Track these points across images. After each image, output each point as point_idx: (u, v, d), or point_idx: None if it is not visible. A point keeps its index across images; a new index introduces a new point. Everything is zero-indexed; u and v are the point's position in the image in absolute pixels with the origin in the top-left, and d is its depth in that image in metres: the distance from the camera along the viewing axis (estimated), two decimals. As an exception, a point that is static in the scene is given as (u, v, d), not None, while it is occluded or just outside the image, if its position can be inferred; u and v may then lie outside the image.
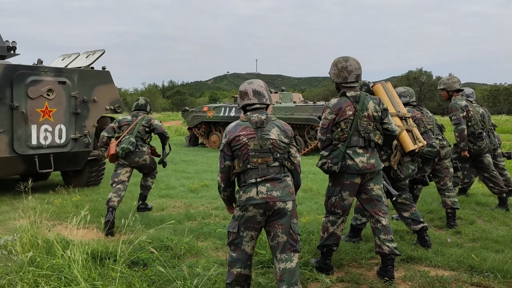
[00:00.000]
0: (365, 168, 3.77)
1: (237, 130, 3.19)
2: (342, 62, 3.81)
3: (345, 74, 3.80)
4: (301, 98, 17.13)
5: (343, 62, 3.81)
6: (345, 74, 3.80)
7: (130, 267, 3.86)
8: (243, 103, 3.30)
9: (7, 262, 4.00)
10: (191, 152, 15.31)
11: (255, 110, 3.27)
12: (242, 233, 3.15)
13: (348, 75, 3.80)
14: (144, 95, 72.34)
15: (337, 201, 3.88)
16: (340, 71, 3.81)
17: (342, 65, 3.81)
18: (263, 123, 3.18)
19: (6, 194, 7.39)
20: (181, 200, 7.15)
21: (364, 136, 3.76)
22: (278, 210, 3.08)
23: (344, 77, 3.81)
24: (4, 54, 8.32)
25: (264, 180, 3.09)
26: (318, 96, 55.90)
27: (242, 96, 3.31)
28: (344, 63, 3.80)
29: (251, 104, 3.28)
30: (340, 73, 3.81)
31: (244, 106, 3.31)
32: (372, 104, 3.82)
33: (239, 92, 3.33)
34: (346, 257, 4.25)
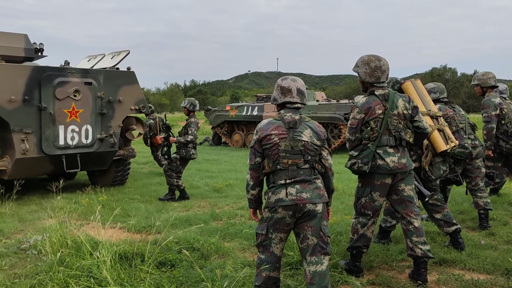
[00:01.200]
0: (396, 168, 3.66)
1: (269, 128, 3.09)
2: (375, 61, 3.70)
3: (378, 73, 3.70)
4: (324, 97, 16.99)
5: (376, 61, 3.70)
6: (378, 73, 3.70)
7: (158, 268, 3.85)
8: (284, 100, 3.17)
9: (37, 262, 4.05)
10: (214, 151, 15.35)
11: (289, 109, 3.17)
12: (271, 234, 3.09)
13: (381, 74, 3.70)
14: (166, 95, 73.17)
15: (367, 202, 3.79)
16: (374, 70, 3.69)
17: (375, 64, 3.69)
18: (296, 124, 3.09)
19: (34, 194, 7.52)
20: (206, 199, 7.15)
21: (395, 135, 3.67)
22: (308, 212, 3.01)
23: (377, 76, 3.70)
24: (32, 56, 8.45)
25: (294, 182, 3.02)
26: (340, 94, 55.34)
27: (285, 93, 3.17)
28: (378, 62, 3.69)
29: (293, 103, 3.17)
30: (373, 72, 3.69)
31: (283, 103, 3.20)
32: (402, 102, 3.72)
33: (281, 87, 3.19)
34: (376, 259, 4.15)
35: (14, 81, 6.66)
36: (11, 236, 5.16)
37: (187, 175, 9.57)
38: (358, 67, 3.78)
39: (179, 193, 7.24)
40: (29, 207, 6.63)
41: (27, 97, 6.74)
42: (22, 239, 4.81)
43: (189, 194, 7.48)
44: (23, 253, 4.46)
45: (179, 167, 7.23)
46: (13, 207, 6.42)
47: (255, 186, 3.19)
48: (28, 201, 7.09)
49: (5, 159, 6.88)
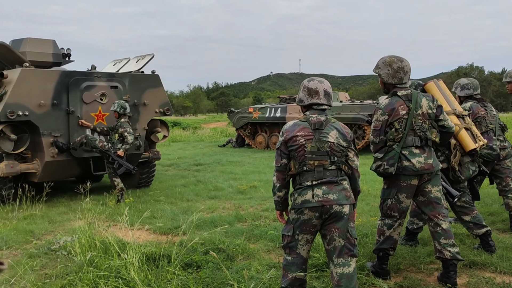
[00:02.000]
0: (422, 168, 3.60)
1: (295, 130, 3.09)
2: (398, 62, 3.66)
3: (401, 74, 3.65)
4: (347, 97, 16.85)
5: (399, 62, 3.66)
6: (401, 74, 3.65)
7: (184, 269, 3.88)
8: (311, 102, 3.16)
9: (67, 263, 4.13)
10: (237, 153, 15.40)
11: (315, 111, 3.16)
12: (297, 236, 3.08)
13: (404, 75, 3.66)
14: (190, 97, 73.80)
15: (393, 203, 3.74)
16: (396, 71, 3.65)
17: (398, 65, 3.65)
18: (322, 125, 3.08)
19: (63, 196, 7.69)
20: (230, 201, 7.18)
21: (420, 135, 3.61)
22: (335, 213, 2.99)
23: (400, 77, 3.66)
24: (60, 61, 8.66)
25: (320, 183, 3.01)
26: (363, 95, 54.81)
27: (312, 94, 3.16)
28: (400, 63, 3.65)
29: (320, 104, 3.16)
30: (396, 73, 3.65)
31: (310, 105, 3.19)
32: (426, 101, 3.67)
33: (308, 89, 3.18)
34: (403, 261, 4.09)
35: (43, 86, 6.84)
36: (42, 237, 5.29)
37: (211, 177, 9.64)
38: (380, 69, 3.73)
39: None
40: (58, 209, 6.78)
41: (55, 101, 6.91)
42: (52, 240, 4.93)
43: (213, 196, 7.53)
44: (54, 254, 4.56)
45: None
46: (43, 209, 6.58)
47: (282, 188, 3.18)
48: (57, 203, 7.25)
49: (35, 162, 7.06)
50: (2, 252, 4.77)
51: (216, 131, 26.58)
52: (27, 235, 5.29)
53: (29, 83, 6.72)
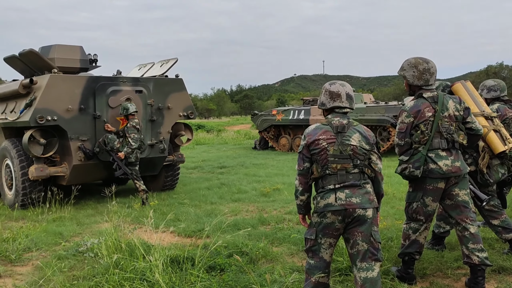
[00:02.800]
0: (449, 171, 3.54)
1: (317, 133, 3.09)
2: (424, 63, 3.62)
3: (427, 76, 3.62)
4: (372, 99, 16.66)
5: (425, 64, 3.62)
6: (427, 76, 3.62)
7: (208, 272, 3.91)
8: (334, 105, 3.16)
9: (94, 264, 4.22)
10: (261, 155, 15.42)
11: (337, 114, 3.15)
12: (320, 240, 3.07)
13: (430, 77, 3.63)
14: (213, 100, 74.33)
15: (419, 207, 3.68)
16: (422, 73, 3.61)
17: (423, 67, 3.61)
18: (344, 128, 3.07)
19: (90, 199, 7.85)
20: (254, 204, 7.19)
21: (447, 138, 3.55)
22: (358, 217, 2.97)
23: (426, 79, 3.62)
24: (87, 66, 8.85)
25: (343, 187, 2.99)
26: (388, 96, 54.03)
27: (334, 98, 3.16)
28: (426, 64, 3.62)
29: (342, 107, 3.16)
30: (422, 75, 3.62)
31: (332, 108, 3.18)
32: (452, 103, 3.61)
33: (330, 92, 3.18)
34: (429, 266, 4.02)
35: (71, 91, 7.01)
36: (70, 239, 5.41)
37: (235, 179, 9.68)
38: (405, 70, 3.70)
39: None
40: (86, 211, 6.93)
41: (82, 106, 7.07)
42: (80, 242, 5.04)
43: (237, 199, 7.56)
44: (81, 256, 4.66)
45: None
46: (72, 211, 6.74)
47: (304, 191, 3.17)
48: (85, 205, 7.41)
49: (64, 166, 7.24)
50: (32, 253, 4.90)
51: (240, 133, 26.69)
52: (56, 237, 5.42)
53: (57, 88, 6.90)
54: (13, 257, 4.68)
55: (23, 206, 7.08)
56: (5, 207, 7.38)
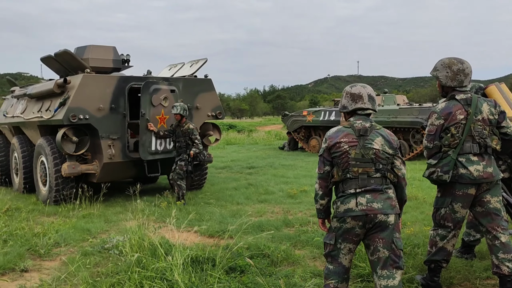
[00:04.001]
0: (481, 177, 3.39)
1: (338, 136, 3.01)
2: (458, 64, 3.50)
3: (461, 77, 3.49)
4: (405, 100, 16.29)
5: (459, 64, 3.50)
6: (461, 77, 3.49)
7: (228, 273, 3.90)
8: (356, 107, 3.07)
9: (118, 262, 4.29)
10: (290, 156, 15.34)
11: (359, 116, 3.07)
12: (340, 245, 3.00)
13: (464, 78, 3.50)
14: (246, 100, 74.60)
15: (447, 213, 3.55)
16: (456, 74, 3.49)
17: (458, 67, 3.49)
18: (367, 131, 2.99)
19: (120, 196, 7.99)
20: (279, 205, 7.15)
21: (479, 142, 3.42)
22: (379, 223, 2.88)
23: (460, 80, 3.50)
24: (119, 67, 9.03)
25: (364, 191, 2.90)
26: (425, 97, 52.73)
27: (356, 99, 3.08)
28: (460, 65, 3.49)
29: (365, 109, 3.07)
30: (455, 76, 3.49)
31: (355, 110, 3.10)
32: (487, 106, 3.47)
33: (351, 94, 3.10)
34: (457, 275, 3.87)
35: (102, 91, 7.16)
36: (97, 236, 5.53)
37: (263, 180, 9.65)
38: (438, 71, 3.58)
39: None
40: (114, 209, 7.06)
41: (113, 106, 7.21)
42: (106, 239, 5.14)
43: (263, 200, 7.53)
44: (106, 253, 4.75)
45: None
46: (101, 208, 6.89)
47: (324, 195, 3.10)
48: (114, 203, 7.56)
49: (95, 164, 7.41)
50: (61, 248, 5.04)
51: (271, 134, 26.65)
52: (84, 233, 5.55)
53: (89, 88, 7.07)
54: (42, 251, 4.82)
55: (55, 202, 7.29)
56: (39, 202, 7.62)
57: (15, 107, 9.26)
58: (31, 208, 6.98)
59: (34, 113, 7.93)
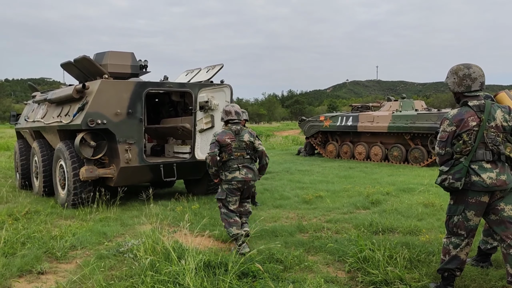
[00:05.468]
0: (494, 185, 3.35)
1: (224, 135, 5.10)
2: (464, 69, 3.52)
3: (468, 82, 3.50)
4: (423, 106, 16.07)
5: (465, 69, 3.52)
6: (468, 82, 3.50)
7: (240, 278, 3.91)
8: (228, 118, 5.24)
9: (132, 265, 4.33)
10: (307, 161, 15.29)
11: (233, 124, 5.21)
12: (229, 198, 5.07)
13: (472, 83, 3.49)
14: (264, 105, 74.68)
15: (460, 221, 3.50)
16: (462, 79, 3.51)
17: (464, 72, 3.51)
18: (239, 131, 5.16)
19: (136, 200, 8.09)
20: (294, 211, 7.13)
21: (492, 149, 3.39)
22: (250, 184, 5.15)
23: (467, 85, 3.50)
24: (137, 72, 9.16)
25: (243, 167, 5.08)
26: (445, 102, 52.01)
27: (228, 114, 5.25)
28: (466, 70, 3.51)
29: (233, 119, 5.23)
30: (462, 81, 3.51)
31: (228, 120, 5.25)
32: (501, 113, 3.45)
33: (224, 111, 5.29)
34: (472, 284, 3.80)
35: (120, 96, 7.28)
36: (113, 239, 5.60)
37: (279, 185, 9.64)
38: (448, 78, 3.63)
39: None
40: (131, 212, 7.14)
41: (130, 110, 7.31)
42: (122, 243, 5.20)
43: (278, 205, 7.53)
44: (121, 256, 4.80)
45: None
46: (117, 212, 6.98)
47: (214, 166, 5.05)
48: (130, 206, 7.64)
49: (112, 168, 7.51)
50: (77, 251, 5.12)
51: (288, 139, 26.61)
52: (100, 237, 5.63)
53: (107, 93, 7.19)
54: (59, 254, 4.90)
55: (73, 205, 7.42)
56: (58, 205, 7.76)
57: (35, 112, 9.48)
58: (50, 211, 7.10)
59: (54, 118, 8.10)
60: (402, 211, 6.67)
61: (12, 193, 8.65)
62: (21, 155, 10.23)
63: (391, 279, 3.82)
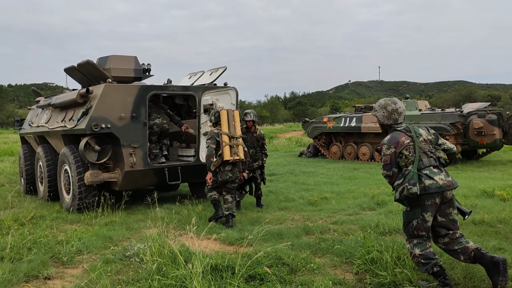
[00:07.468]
0: (445, 185, 3.66)
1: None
2: (392, 105, 4.00)
3: (395, 116, 3.98)
4: (427, 106, 16.03)
5: (393, 105, 4.00)
6: (395, 116, 3.98)
7: (247, 281, 3.89)
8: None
9: (139, 269, 4.32)
10: (311, 163, 15.26)
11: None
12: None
13: (398, 116, 3.99)
14: (267, 107, 74.67)
15: (419, 223, 3.72)
16: (391, 113, 3.98)
17: (392, 107, 3.98)
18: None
19: (141, 204, 8.07)
20: (300, 213, 7.10)
21: (432, 156, 3.80)
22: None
23: (395, 119, 3.99)
24: (140, 76, 9.15)
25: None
26: (448, 102, 51.80)
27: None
28: (394, 105, 3.99)
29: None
30: (390, 115, 3.99)
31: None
32: (423, 131, 3.93)
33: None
34: (481, 284, 3.77)
35: (123, 100, 7.28)
36: (119, 244, 5.58)
37: (283, 187, 9.62)
38: (376, 111, 4.06)
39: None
40: (136, 216, 7.13)
41: (134, 114, 7.31)
42: (128, 247, 5.18)
43: (283, 207, 7.51)
44: (128, 260, 4.79)
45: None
46: (123, 216, 6.97)
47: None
48: (135, 210, 7.63)
49: (116, 172, 7.51)
50: (83, 256, 5.11)
51: (291, 141, 26.59)
52: (106, 241, 5.62)
53: (111, 97, 7.19)
54: (65, 259, 4.89)
55: (78, 209, 7.42)
56: (63, 210, 7.76)
57: (40, 117, 9.50)
58: (55, 216, 7.10)
59: (58, 123, 8.11)
60: (408, 211, 6.63)
61: (17, 198, 8.65)
62: (26, 160, 10.26)
63: (399, 280, 3.80)
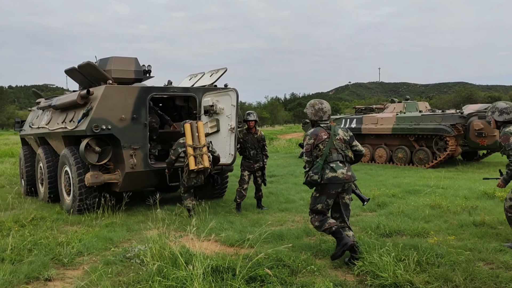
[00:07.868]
0: (345, 178, 4.52)
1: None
2: (319, 104, 4.83)
3: (321, 114, 4.78)
4: (427, 107, 16.02)
5: (319, 104, 4.83)
6: (321, 114, 4.78)
7: (248, 283, 3.89)
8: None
9: (139, 271, 4.32)
10: (311, 164, 15.23)
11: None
12: None
13: (323, 115, 4.79)
14: (267, 109, 74.68)
15: (323, 207, 4.67)
16: (317, 111, 4.77)
17: (318, 107, 4.79)
18: None
19: (142, 205, 8.07)
20: (300, 214, 7.10)
21: (341, 153, 4.62)
22: None
23: (320, 116, 4.78)
24: (141, 77, 9.14)
25: None
26: (448, 103, 51.70)
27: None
28: (320, 105, 4.81)
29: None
30: (317, 113, 4.77)
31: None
32: (341, 131, 4.74)
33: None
34: (482, 286, 3.77)
35: (124, 101, 7.27)
36: (120, 245, 5.58)
37: (283, 188, 9.62)
38: (306, 109, 4.85)
39: None
40: (136, 218, 7.13)
41: (135, 116, 7.31)
42: (128, 248, 5.18)
43: (284, 208, 7.51)
44: (128, 262, 4.79)
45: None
46: (123, 217, 6.96)
47: None
48: (136, 211, 7.63)
49: (117, 173, 7.50)
50: (84, 257, 5.10)
51: (292, 142, 26.58)
52: (106, 242, 5.61)
53: (112, 99, 7.19)
54: (66, 260, 4.89)
55: (79, 211, 7.41)
56: (63, 211, 7.75)
57: (40, 118, 9.50)
58: (56, 217, 7.10)
59: (59, 124, 8.10)
60: (409, 213, 6.64)
61: (17, 199, 8.65)
62: (26, 161, 10.26)
63: (400, 282, 3.79)
